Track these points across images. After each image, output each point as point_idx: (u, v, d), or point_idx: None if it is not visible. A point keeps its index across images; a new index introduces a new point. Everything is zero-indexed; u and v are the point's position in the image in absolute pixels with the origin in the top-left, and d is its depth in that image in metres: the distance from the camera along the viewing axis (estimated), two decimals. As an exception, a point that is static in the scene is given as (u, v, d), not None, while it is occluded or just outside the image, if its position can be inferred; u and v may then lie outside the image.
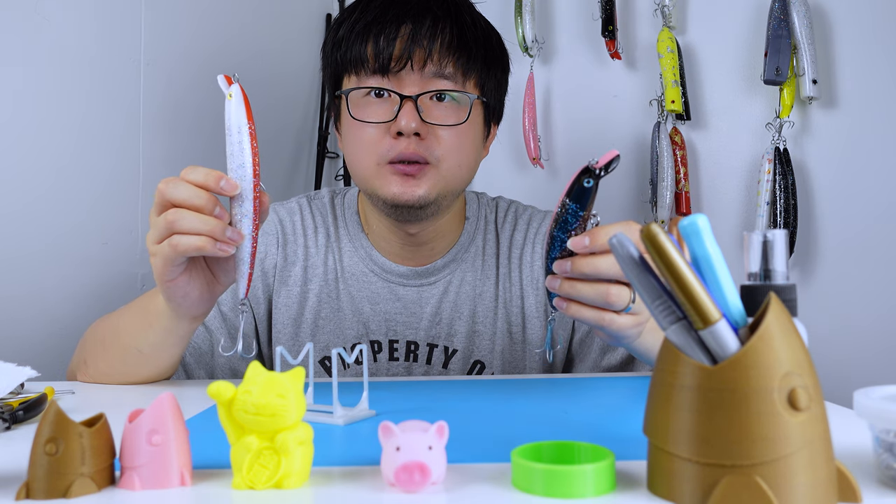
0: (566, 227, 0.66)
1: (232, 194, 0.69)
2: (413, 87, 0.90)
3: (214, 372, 0.98)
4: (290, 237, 1.02)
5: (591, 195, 0.65)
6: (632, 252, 0.42)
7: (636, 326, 0.71)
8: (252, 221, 0.70)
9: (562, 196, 0.66)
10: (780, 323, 0.40)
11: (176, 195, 0.69)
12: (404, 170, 0.91)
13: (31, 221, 1.04)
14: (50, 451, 0.43)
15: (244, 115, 0.70)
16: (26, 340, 1.02)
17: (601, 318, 0.69)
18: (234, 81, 0.70)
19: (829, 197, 1.30)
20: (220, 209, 0.69)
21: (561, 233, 0.67)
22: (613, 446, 0.46)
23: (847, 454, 0.49)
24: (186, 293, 0.75)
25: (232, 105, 0.70)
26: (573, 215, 0.66)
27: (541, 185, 1.52)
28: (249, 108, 0.70)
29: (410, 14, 0.90)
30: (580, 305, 0.69)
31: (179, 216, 0.69)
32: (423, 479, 0.43)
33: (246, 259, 0.71)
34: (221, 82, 0.70)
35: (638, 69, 1.45)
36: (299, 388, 0.45)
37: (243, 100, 0.70)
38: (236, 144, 0.70)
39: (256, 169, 0.70)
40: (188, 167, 0.71)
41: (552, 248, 0.68)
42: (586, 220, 0.66)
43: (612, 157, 0.63)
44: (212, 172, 0.69)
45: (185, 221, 0.69)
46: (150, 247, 0.72)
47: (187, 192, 0.69)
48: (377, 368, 1.00)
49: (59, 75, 1.07)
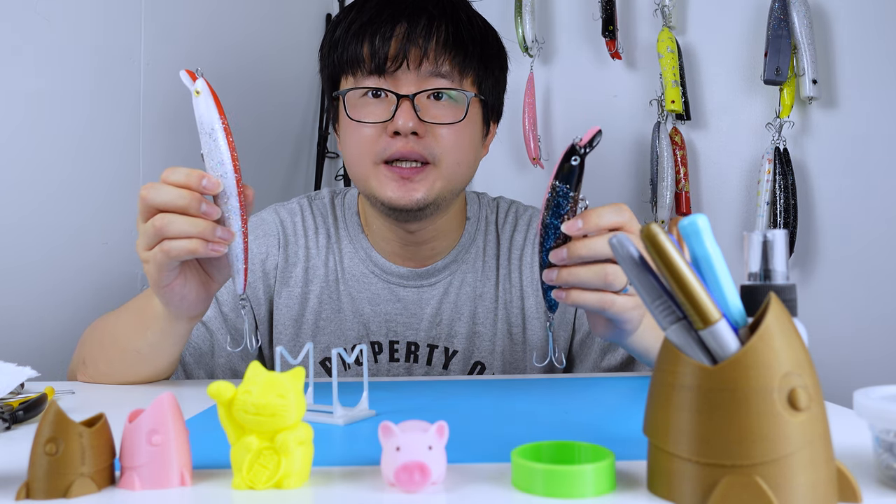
0: (558, 210, 0.67)
1: (215, 192, 0.68)
2: (410, 87, 0.90)
3: (214, 372, 0.98)
4: (291, 238, 1.02)
5: (578, 173, 0.66)
6: (632, 252, 0.42)
7: (637, 308, 0.71)
8: (240, 217, 0.70)
9: (550, 180, 0.67)
10: (780, 323, 0.40)
11: (159, 199, 0.68)
12: (401, 173, 0.91)
13: (31, 221, 1.04)
14: (50, 451, 0.43)
15: (215, 110, 0.67)
16: (26, 341, 1.02)
17: (602, 301, 0.69)
18: (199, 76, 0.68)
19: (829, 197, 1.30)
20: (206, 206, 0.68)
21: (554, 219, 0.67)
22: (613, 446, 0.46)
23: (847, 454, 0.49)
24: (183, 295, 0.75)
25: (201, 102, 0.67)
26: (564, 197, 0.66)
27: (541, 185, 1.52)
28: (219, 102, 0.68)
29: (406, 13, 0.90)
30: (580, 291, 0.69)
31: (167, 221, 0.68)
32: (423, 479, 0.43)
33: (239, 255, 0.71)
34: (185, 78, 0.68)
35: (638, 69, 1.45)
36: (299, 388, 0.45)
37: (212, 95, 0.67)
38: (211, 142, 0.68)
39: (236, 164, 0.69)
40: (168, 169, 0.70)
41: (546, 237, 0.69)
42: (576, 203, 0.67)
43: (595, 133, 0.65)
44: (193, 172, 0.68)
45: (174, 226, 0.68)
46: (141, 254, 0.72)
47: (170, 194, 0.68)
48: (377, 369, 1.00)
49: (59, 75, 1.07)
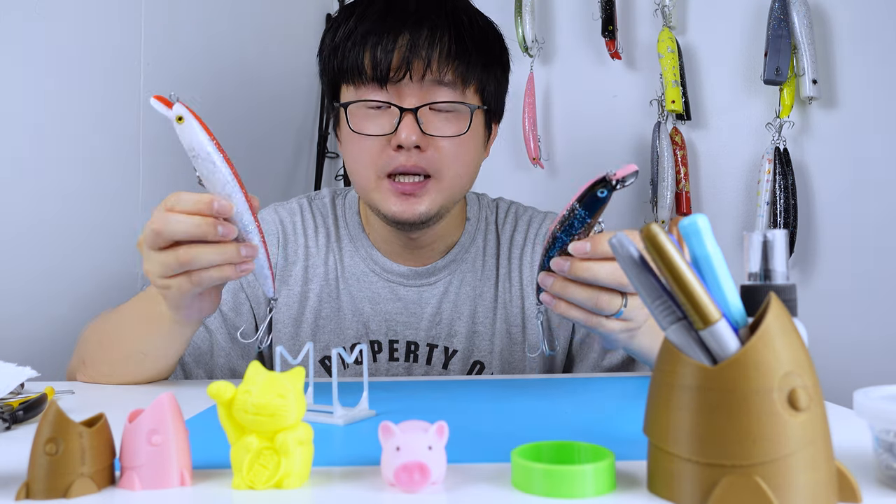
0: (570, 230, 0.66)
1: (228, 215, 0.67)
2: (412, 98, 0.90)
3: (213, 372, 0.98)
4: (290, 237, 1.03)
5: (602, 205, 0.64)
6: (632, 252, 0.42)
7: (626, 332, 0.72)
8: (257, 230, 0.70)
9: (573, 200, 0.65)
10: (780, 323, 0.40)
11: (176, 231, 0.67)
12: (403, 189, 0.91)
13: (31, 221, 1.04)
14: (50, 451, 0.43)
15: (204, 133, 0.65)
16: (26, 340, 1.02)
17: (589, 320, 0.70)
18: (175, 101, 0.64)
19: (829, 197, 1.30)
20: (223, 228, 0.67)
21: (564, 235, 0.67)
22: (613, 446, 0.46)
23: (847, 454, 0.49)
24: (200, 308, 0.76)
25: (186, 128, 0.64)
26: (580, 221, 0.65)
27: (541, 185, 1.52)
28: (203, 122, 0.65)
29: (408, 23, 0.89)
30: (569, 305, 0.69)
31: (193, 255, 0.67)
32: (423, 479, 0.43)
33: (264, 263, 0.72)
34: (158, 106, 0.64)
35: (638, 69, 1.45)
36: (299, 388, 0.45)
37: (195, 118, 0.65)
38: (210, 165, 0.66)
39: (239, 179, 0.68)
40: (171, 197, 0.68)
41: (552, 246, 0.68)
42: (591, 227, 0.67)
43: (631, 172, 0.62)
44: (202, 198, 0.66)
45: (202, 258, 0.67)
46: (158, 281, 0.71)
47: (185, 224, 0.66)
48: (377, 369, 1.00)
49: (59, 76, 1.07)
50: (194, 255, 0.67)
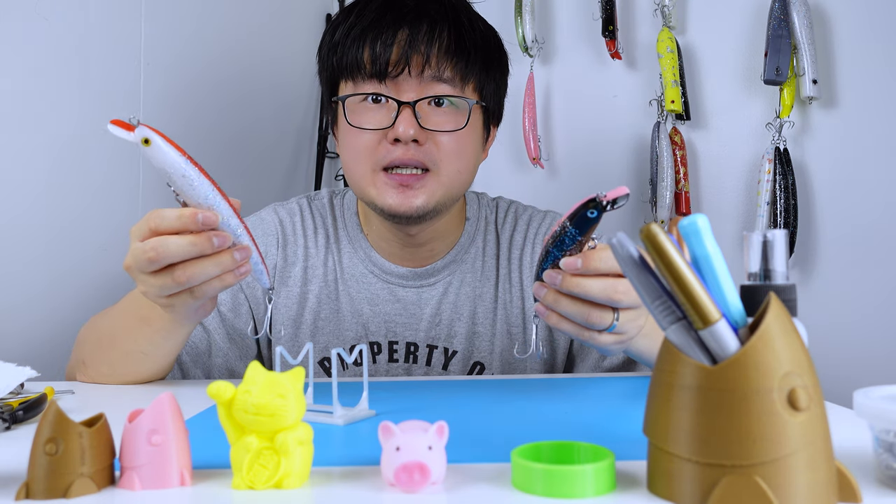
0: (562, 246, 0.67)
1: (214, 226, 0.66)
2: (411, 93, 0.90)
3: (211, 372, 0.98)
4: (290, 238, 1.02)
5: (593, 225, 0.65)
6: (632, 252, 0.42)
7: (618, 344, 0.72)
8: (244, 229, 0.70)
9: (564, 217, 0.66)
10: (780, 323, 0.40)
11: (174, 256, 0.66)
12: (401, 180, 0.90)
13: (30, 221, 1.04)
14: (50, 451, 0.43)
15: (176, 152, 0.63)
16: (26, 340, 1.02)
17: (580, 334, 0.70)
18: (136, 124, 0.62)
19: (829, 197, 1.30)
20: (218, 240, 0.66)
21: (556, 250, 0.67)
22: (613, 446, 0.46)
23: (847, 454, 0.49)
24: (203, 309, 0.77)
25: (155, 150, 0.62)
26: (571, 238, 0.66)
27: (541, 185, 1.52)
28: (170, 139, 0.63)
29: (407, 18, 0.89)
30: (560, 317, 0.70)
31: (191, 275, 0.67)
32: (423, 479, 0.43)
33: (256, 258, 0.72)
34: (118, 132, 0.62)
35: (638, 69, 1.45)
36: (299, 388, 0.45)
37: (161, 137, 0.62)
38: (187, 183, 0.64)
39: (218, 187, 0.67)
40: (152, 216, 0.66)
41: (545, 260, 0.69)
42: (583, 244, 0.67)
43: (622, 194, 0.62)
44: (183, 213, 0.66)
45: (201, 275, 0.67)
46: (159, 300, 0.71)
47: (179, 247, 0.66)
48: (377, 370, 1.00)
49: (59, 76, 1.07)
50: (191, 274, 0.67)
